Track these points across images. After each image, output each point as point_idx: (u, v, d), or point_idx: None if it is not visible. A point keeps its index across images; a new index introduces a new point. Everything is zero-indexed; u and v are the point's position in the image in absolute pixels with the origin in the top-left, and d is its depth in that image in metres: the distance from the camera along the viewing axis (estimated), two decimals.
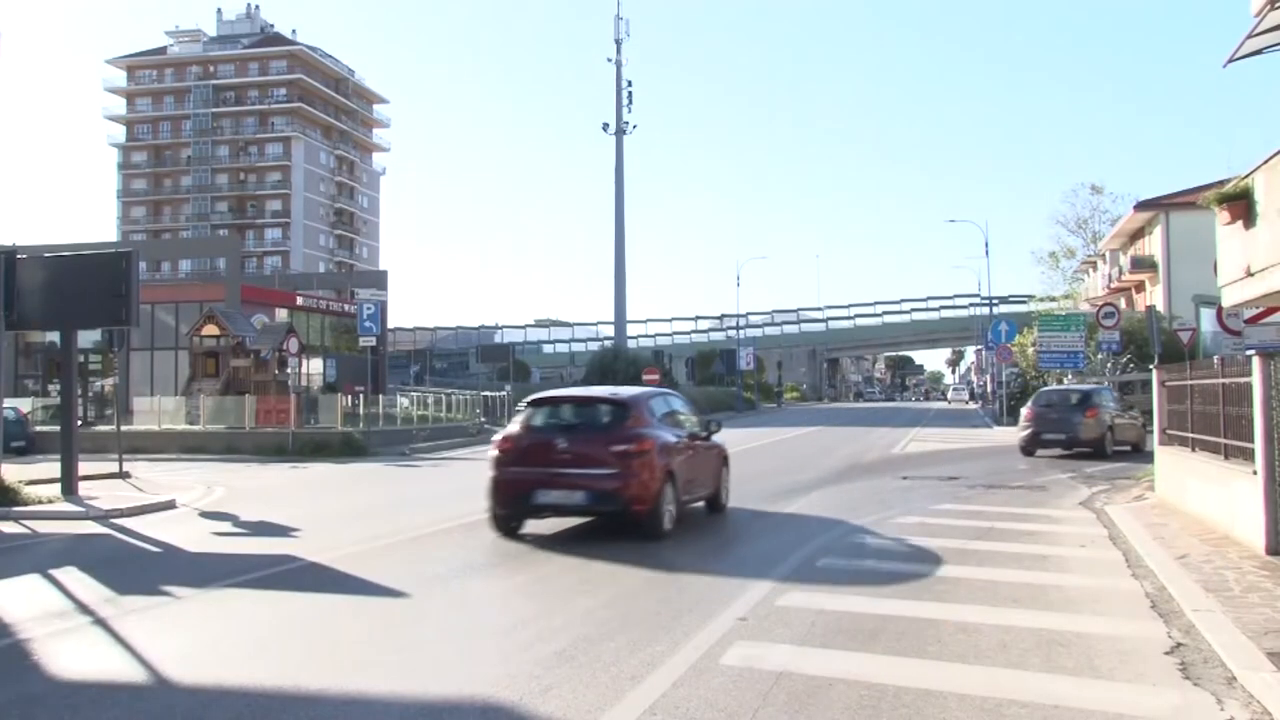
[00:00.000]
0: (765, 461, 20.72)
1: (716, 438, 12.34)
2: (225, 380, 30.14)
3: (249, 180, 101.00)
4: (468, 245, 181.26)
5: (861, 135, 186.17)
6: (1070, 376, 32.97)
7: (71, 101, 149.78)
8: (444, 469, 21.20)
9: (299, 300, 46.68)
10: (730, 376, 62.04)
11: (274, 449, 25.38)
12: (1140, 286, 48.76)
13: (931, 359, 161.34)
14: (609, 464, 9.80)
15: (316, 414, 28.50)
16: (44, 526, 12.44)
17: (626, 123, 58.03)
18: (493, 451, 10.48)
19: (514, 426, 10.70)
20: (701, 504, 11.96)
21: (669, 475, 10.13)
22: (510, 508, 10.34)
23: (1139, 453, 20.86)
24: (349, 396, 30.99)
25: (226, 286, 42.55)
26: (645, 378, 50.66)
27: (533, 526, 10.90)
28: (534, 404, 11.01)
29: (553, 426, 10.69)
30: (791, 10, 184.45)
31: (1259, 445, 8.56)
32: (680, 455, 10.64)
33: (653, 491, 9.84)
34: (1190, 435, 11.69)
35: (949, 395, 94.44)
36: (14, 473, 15.04)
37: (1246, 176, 11.05)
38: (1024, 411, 22.51)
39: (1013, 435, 30.14)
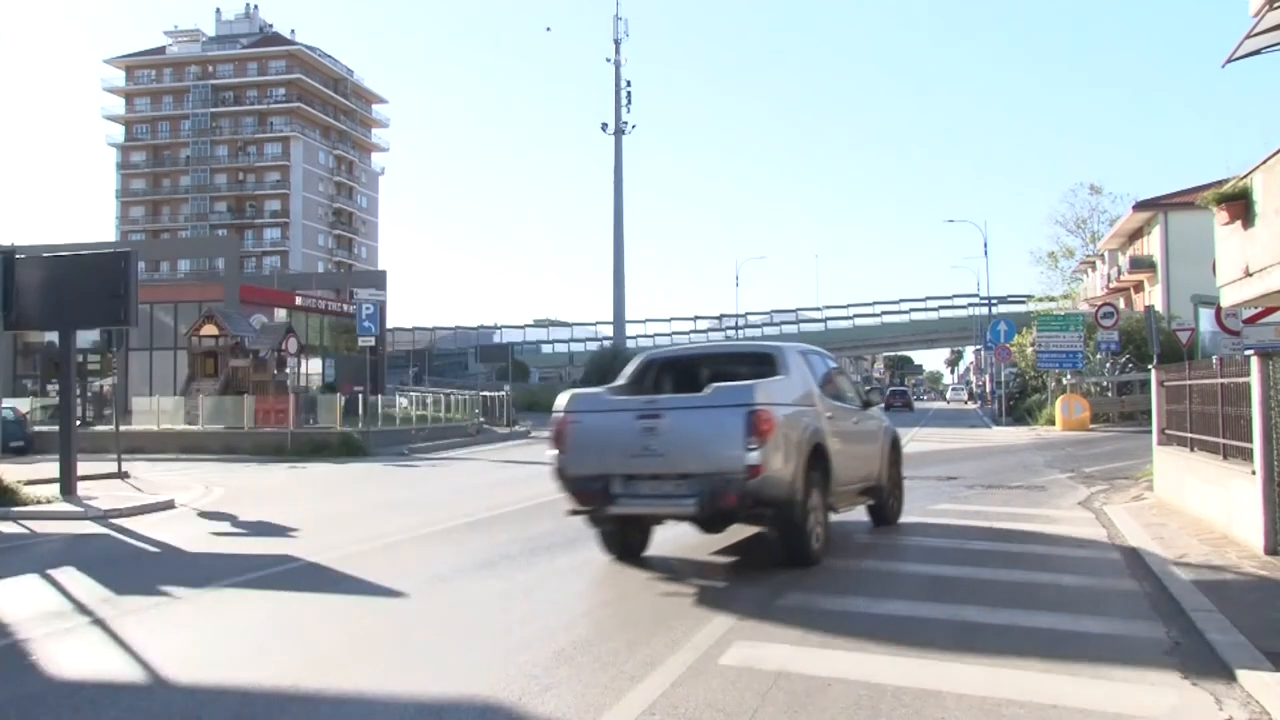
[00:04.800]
0: None
1: None
2: (224, 380, 30.13)
3: (248, 180, 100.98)
4: (467, 245, 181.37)
5: (861, 135, 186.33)
6: (1070, 376, 33.02)
7: (70, 101, 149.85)
8: (443, 469, 21.19)
9: (298, 300, 46.67)
10: None
11: (273, 449, 25.37)
12: (1139, 286, 48.80)
13: (930, 359, 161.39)
14: None
15: (315, 414, 28.50)
16: (42, 526, 12.43)
17: (626, 123, 58.01)
18: None
19: None
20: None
21: None
22: None
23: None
24: (348, 396, 31.00)
25: (225, 286, 42.54)
26: None
27: (532, 528, 10.88)
28: None
29: None
30: (791, 10, 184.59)
31: (1257, 445, 8.56)
32: None
33: None
34: (1189, 435, 11.69)
35: (948, 395, 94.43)
36: (12, 473, 15.03)
37: (1245, 176, 11.06)
38: None
39: (1012, 435, 30.19)
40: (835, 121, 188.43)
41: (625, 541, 9.06)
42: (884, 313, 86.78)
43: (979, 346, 68.29)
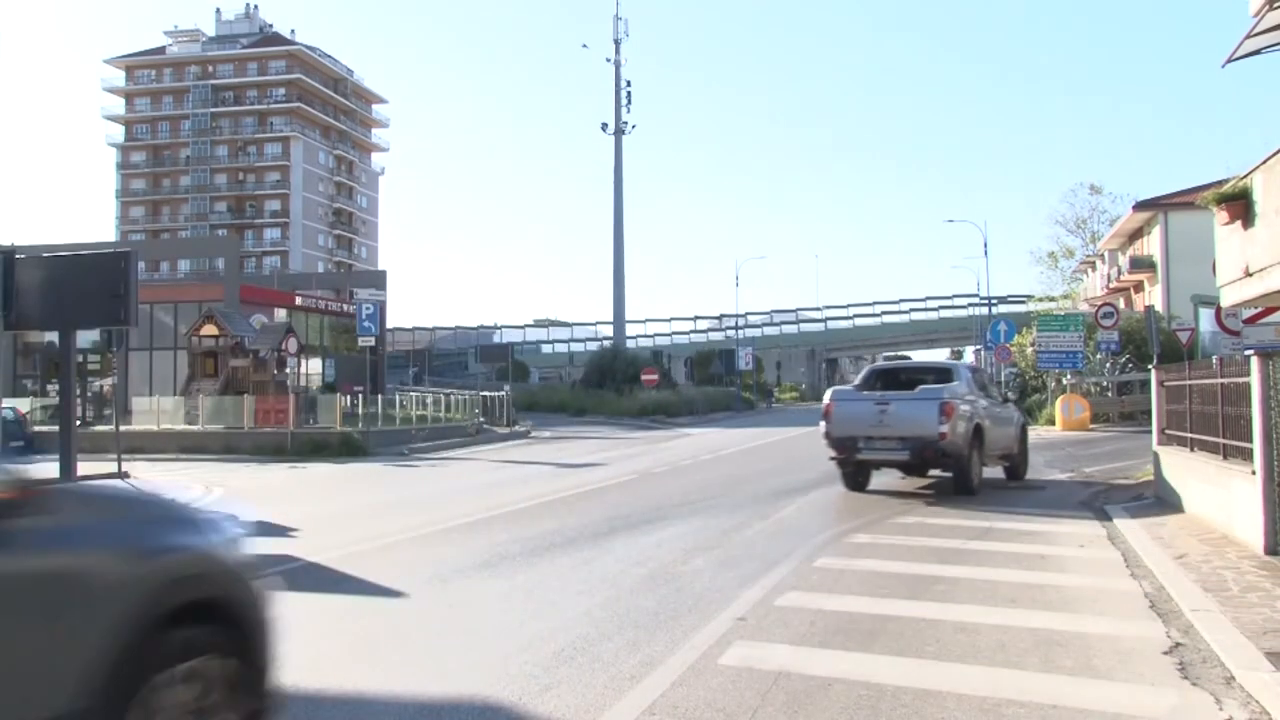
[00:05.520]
0: (764, 461, 20.73)
1: None
2: (224, 380, 30.13)
3: (248, 180, 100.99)
4: (467, 245, 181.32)
5: (861, 135, 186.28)
6: (1070, 376, 33.03)
7: (70, 101, 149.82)
8: (443, 469, 21.19)
9: (298, 300, 46.66)
10: (729, 376, 62.05)
11: (273, 449, 25.37)
12: (1139, 286, 48.81)
13: (930, 359, 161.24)
14: None
15: (315, 414, 28.49)
16: None
17: (626, 123, 58.09)
18: None
19: None
20: (707, 509, 11.94)
21: None
22: None
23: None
24: (348, 396, 31.00)
25: (225, 286, 42.54)
26: (644, 378, 50.74)
27: (532, 528, 10.89)
28: None
29: None
30: (791, 10, 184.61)
31: (1257, 445, 8.56)
32: None
33: None
34: (1189, 435, 11.69)
35: None
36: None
37: (1245, 176, 11.07)
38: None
39: None
40: (835, 121, 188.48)
41: (857, 480, 14.30)
42: (884, 313, 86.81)
43: (979, 346, 68.22)
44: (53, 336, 25.60)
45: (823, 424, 14.10)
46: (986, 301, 69.58)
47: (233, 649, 3.38)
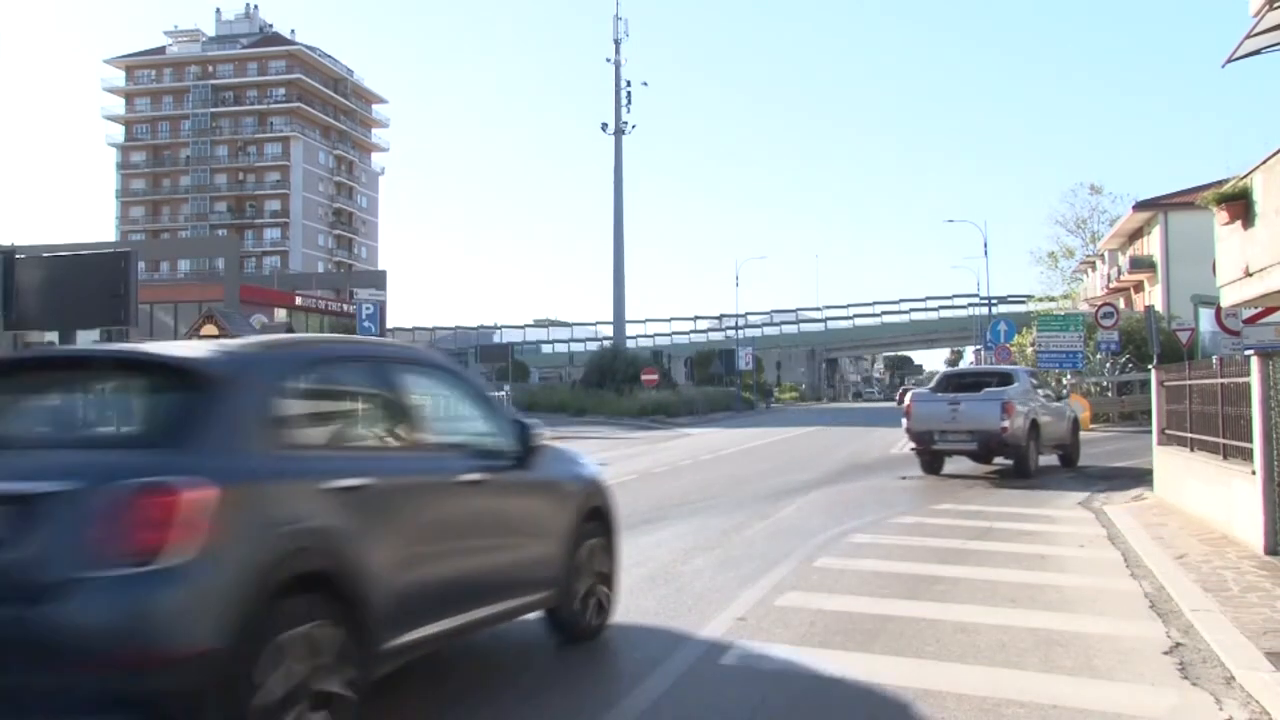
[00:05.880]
0: (764, 461, 20.72)
1: None
2: None
3: (248, 180, 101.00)
4: (467, 245, 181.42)
5: (861, 135, 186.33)
6: (1070, 377, 33.03)
7: (70, 101, 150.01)
8: None
9: (298, 300, 46.73)
10: (729, 376, 62.06)
11: None
12: (1139, 286, 48.81)
13: (930, 359, 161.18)
14: None
15: None
16: None
17: (626, 123, 58.05)
18: None
19: None
20: (707, 509, 11.93)
21: None
22: None
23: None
24: None
25: (225, 286, 42.60)
26: (644, 378, 50.74)
27: None
28: None
29: None
30: (791, 10, 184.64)
31: (1258, 445, 8.56)
32: None
33: None
34: (1189, 435, 11.68)
35: None
36: None
37: (1245, 176, 11.07)
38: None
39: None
40: (835, 121, 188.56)
41: (933, 466, 16.87)
42: (884, 313, 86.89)
43: (979, 346, 68.19)
44: (52, 337, 25.56)
45: (904, 420, 16.96)
46: (986, 301, 69.62)
47: (605, 529, 6.44)
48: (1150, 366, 17.63)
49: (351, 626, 3.99)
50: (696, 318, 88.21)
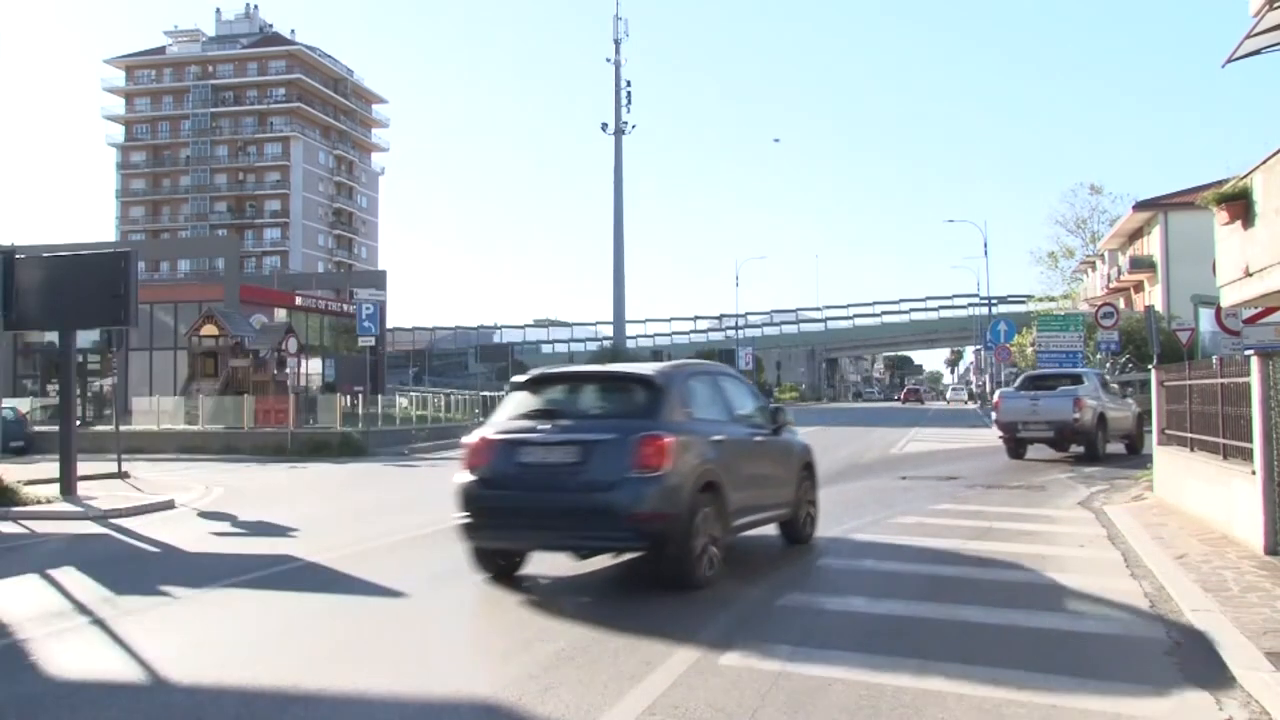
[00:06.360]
0: None
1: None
2: (224, 380, 30.14)
3: (248, 180, 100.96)
4: (467, 245, 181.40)
5: (861, 135, 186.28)
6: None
7: (70, 101, 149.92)
8: (443, 469, 21.17)
9: (298, 300, 46.67)
10: None
11: (273, 449, 25.37)
12: (1139, 286, 48.78)
13: (930, 359, 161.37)
14: None
15: (315, 414, 28.50)
16: (42, 526, 12.43)
17: (625, 123, 58.18)
18: None
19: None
20: None
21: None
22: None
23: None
24: (348, 396, 31.00)
25: (225, 286, 42.54)
26: None
27: None
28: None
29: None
30: (791, 10, 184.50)
31: (1257, 445, 8.56)
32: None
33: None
34: (1189, 435, 11.68)
35: (948, 395, 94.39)
36: (12, 473, 15.03)
37: (1245, 176, 11.05)
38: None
39: None
40: (835, 122, 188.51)
41: (1017, 451, 20.26)
42: (884, 313, 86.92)
43: (979, 346, 68.25)
44: (53, 337, 25.56)
45: (993, 414, 21.13)
46: (986, 301, 69.63)
47: (812, 476, 10.11)
48: (1150, 366, 17.61)
49: (721, 511, 7.92)
50: (696, 318, 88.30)
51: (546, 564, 8.75)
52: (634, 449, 7.31)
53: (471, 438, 8.26)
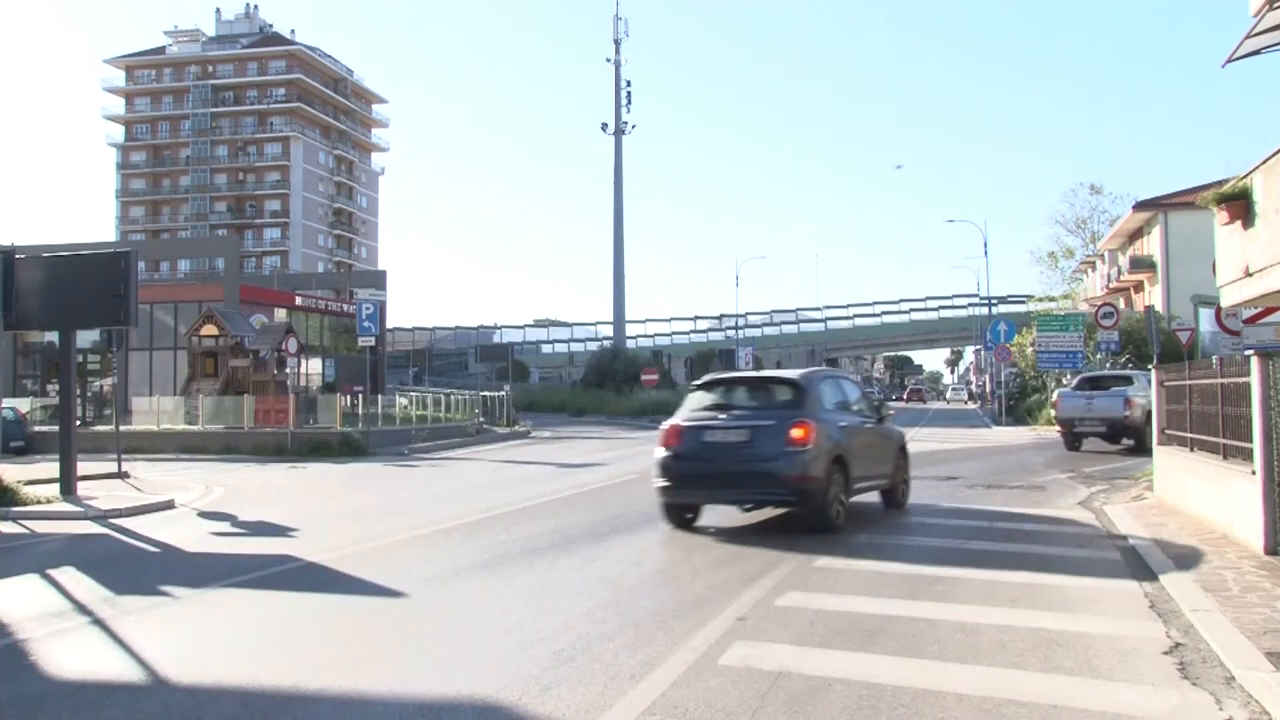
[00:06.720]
0: None
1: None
2: (224, 380, 30.12)
3: (248, 180, 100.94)
4: (467, 245, 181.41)
5: (861, 135, 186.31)
6: (1069, 376, 33.02)
7: (70, 101, 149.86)
8: (443, 469, 21.20)
9: (298, 300, 46.65)
10: None
11: (273, 449, 25.37)
12: (1139, 286, 48.79)
13: (930, 359, 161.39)
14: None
15: (315, 414, 28.48)
16: (42, 526, 12.44)
17: (626, 123, 58.08)
18: None
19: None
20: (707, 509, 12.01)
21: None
22: None
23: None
24: (348, 396, 30.99)
25: (225, 286, 42.54)
26: (644, 378, 50.73)
27: (532, 529, 10.89)
28: None
29: None
30: (791, 10, 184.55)
31: (1257, 445, 8.56)
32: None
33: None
34: (1189, 435, 11.69)
35: (948, 395, 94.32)
36: (12, 473, 15.03)
37: (1245, 176, 11.05)
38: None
39: (1012, 435, 30.18)
40: (835, 121, 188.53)
41: (1074, 444, 22.49)
42: (884, 313, 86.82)
43: (979, 346, 68.24)
44: (53, 337, 25.56)
45: (1052, 410, 24.38)
46: (986, 301, 69.58)
47: (906, 456, 13.01)
48: (1150, 366, 17.61)
49: (845, 477, 10.65)
50: (696, 318, 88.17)
51: (551, 565, 8.72)
52: (788, 431, 10.17)
53: (666, 424, 11.08)
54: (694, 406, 11.08)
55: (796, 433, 10.08)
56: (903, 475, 12.66)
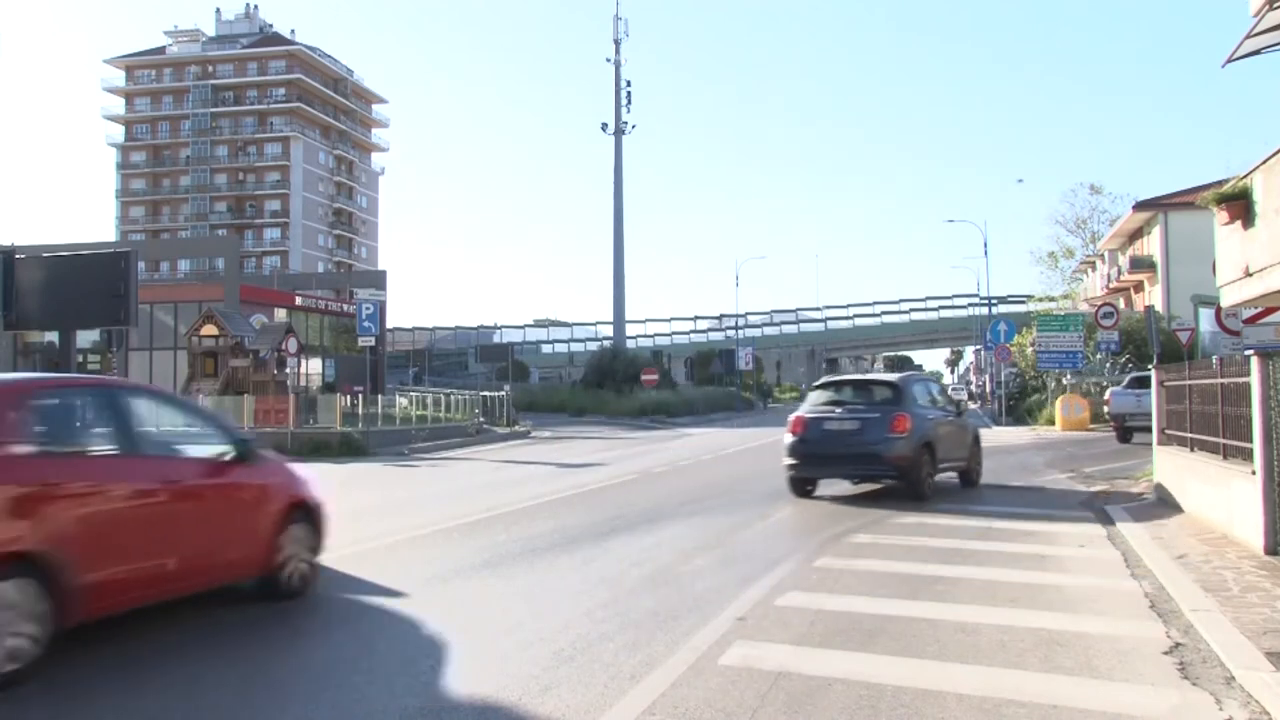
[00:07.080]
0: (765, 461, 20.69)
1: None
2: (224, 380, 30.14)
3: (248, 180, 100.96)
4: (467, 245, 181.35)
5: (861, 135, 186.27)
6: (1070, 376, 33.04)
7: (70, 101, 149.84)
8: (443, 469, 21.20)
9: (298, 300, 46.66)
10: (729, 376, 62.05)
11: (272, 449, 25.25)
12: (1139, 286, 48.80)
13: (930, 359, 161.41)
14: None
15: (315, 414, 28.45)
16: None
17: (626, 123, 58.02)
18: None
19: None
20: (707, 509, 12.06)
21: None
22: None
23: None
24: (348, 396, 30.98)
25: (225, 286, 42.56)
26: (644, 378, 50.73)
27: (532, 529, 10.88)
28: None
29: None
30: (791, 10, 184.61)
31: (1257, 445, 8.56)
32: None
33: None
34: (1189, 435, 11.69)
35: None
36: None
37: (1245, 176, 11.06)
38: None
39: (1012, 435, 30.20)
40: (835, 121, 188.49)
41: (1125, 437, 24.36)
42: (884, 313, 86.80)
43: (979, 346, 68.22)
44: (53, 336, 25.54)
45: (1105, 407, 26.00)
46: (986, 301, 69.55)
47: (979, 443, 15.78)
48: (1150, 366, 17.62)
49: (933, 458, 13.47)
50: (696, 318, 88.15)
51: (552, 566, 8.71)
52: (890, 421, 13.00)
53: (792, 416, 13.78)
54: (814, 402, 14.13)
55: (897, 423, 12.93)
56: (977, 460, 15.29)
